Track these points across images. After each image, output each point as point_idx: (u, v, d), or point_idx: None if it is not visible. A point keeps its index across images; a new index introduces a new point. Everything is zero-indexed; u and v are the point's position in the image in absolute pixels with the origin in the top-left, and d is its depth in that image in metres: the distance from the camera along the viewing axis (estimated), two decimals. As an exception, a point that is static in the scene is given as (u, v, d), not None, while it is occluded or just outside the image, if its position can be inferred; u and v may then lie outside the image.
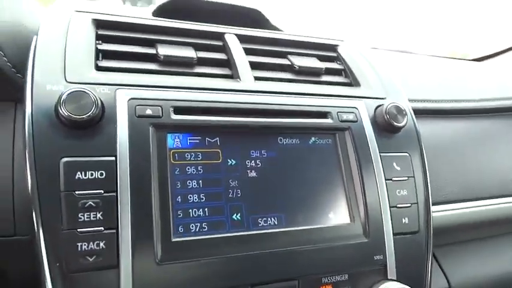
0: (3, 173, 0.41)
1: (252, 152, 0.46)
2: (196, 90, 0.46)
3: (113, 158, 0.38)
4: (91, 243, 0.36)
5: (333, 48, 0.63)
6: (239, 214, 0.43)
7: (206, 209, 0.41)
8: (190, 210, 0.41)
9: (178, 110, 0.43)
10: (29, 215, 0.37)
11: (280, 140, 0.48)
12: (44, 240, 0.35)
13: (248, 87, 0.49)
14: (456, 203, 0.64)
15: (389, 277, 0.48)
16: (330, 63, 0.60)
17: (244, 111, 0.47)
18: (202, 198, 0.42)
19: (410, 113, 0.56)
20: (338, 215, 0.48)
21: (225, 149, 0.44)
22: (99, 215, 0.36)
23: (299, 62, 0.56)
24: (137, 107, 0.41)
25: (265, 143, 0.47)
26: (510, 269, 0.72)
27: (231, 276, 0.40)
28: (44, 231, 0.35)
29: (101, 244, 0.36)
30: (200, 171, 0.42)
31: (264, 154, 0.46)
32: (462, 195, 0.65)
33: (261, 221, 0.44)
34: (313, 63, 0.58)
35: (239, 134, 0.46)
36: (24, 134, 0.37)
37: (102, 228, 0.36)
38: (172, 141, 0.42)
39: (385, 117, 0.52)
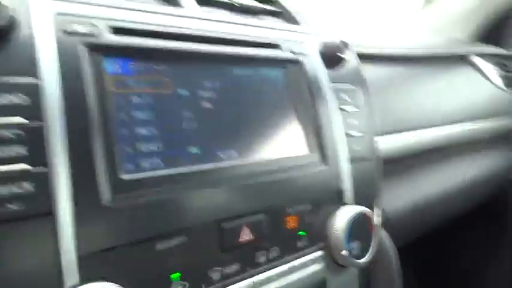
0: None
1: (205, 82, 0.36)
2: (136, 11, 0.35)
3: (35, 80, 0.26)
4: (12, 186, 0.24)
5: None
6: (197, 147, 0.34)
7: (159, 143, 0.32)
8: (141, 144, 0.31)
9: (116, 30, 0.32)
10: None
11: (233, 70, 0.39)
12: None
13: (194, 14, 0.39)
14: (397, 133, 0.63)
15: (347, 202, 0.44)
16: (267, 5, 0.53)
17: (193, 38, 0.37)
18: (154, 131, 0.32)
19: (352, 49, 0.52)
20: (296, 145, 0.41)
21: (174, 77, 0.34)
22: (22, 150, 0.24)
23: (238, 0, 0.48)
24: (64, 22, 0.29)
25: (218, 73, 0.38)
26: (440, 188, 0.75)
27: (197, 214, 0.32)
28: None
29: (27, 186, 0.24)
30: (148, 101, 0.32)
31: (217, 85, 0.37)
32: (401, 127, 0.64)
33: (221, 153, 0.35)
34: (252, 2, 0.50)
35: (189, 62, 0.36)
36: None
37: (29, 166, 0.25)
38: (111, 66, 0.31)
39: (331, 50, 0.47)
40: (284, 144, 0.40)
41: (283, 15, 0.53)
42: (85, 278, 0.26)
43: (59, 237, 0.25)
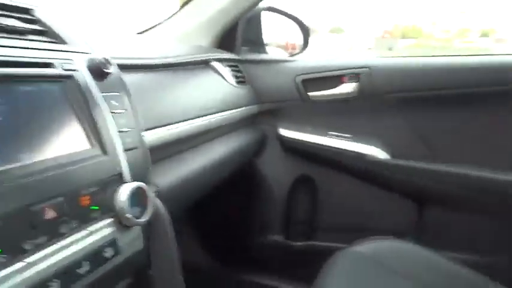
0: None
1: None
2: None
3: None
4: None
5: (28, 11, 0.65)
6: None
7: None
8: None
9: None
10: None
11: (18, 87, 0.50)
12: None
13: None
14: (162, 127, 0.83)
15: (127, 181, 0.61)
16: (31, 25, 0.62)
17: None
18: None
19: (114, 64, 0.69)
20: (81, 143, 0.56)
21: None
22: None
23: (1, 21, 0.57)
24: None
25: (5, 90, 0.48)
26: (205, 164, 1.01)
27: (9, 201, 0.43)
28: None
29: None
30: None
31: (6, 100, 0.48)
32: (163, 122, 0.85)
33: (19, 155, 0.46)
34: (15, 23, 0.59)
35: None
36: None
37: None
38: None
39: (97, 65, 0.63)
40: (71, 143, 0.54)
41: (49, 34, 0.65)
42: None
43: None
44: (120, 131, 0.62)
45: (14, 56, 0.51)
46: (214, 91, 1.17)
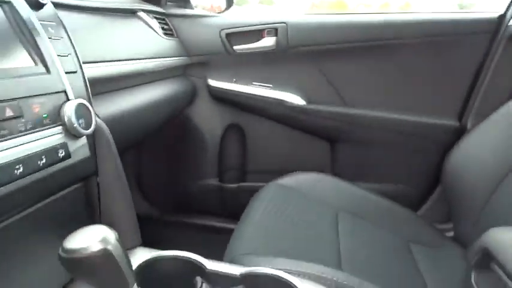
0: None
1: None
2: None
3: None
4: None
5: None
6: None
7: None
8: None
9: None
10: None
11: None
12: None
13: None
14: (95, 63, 0.91)
15: (70, 98, 0.71)
16: None
17: None
18: None
19: None
20: (26, 61, 0.64)
21: None
22: None
23: None
24: None
25: None
26: (142, 103, 1.10)
27: None
28: None
29: None
30: None
31: None
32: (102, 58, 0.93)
33: None
34: None
35: None
36: None
37: None
38: None
39: None
40: (18, 61, 0.62)
41: None
42: None
43: None
44: (59, 55, 0.70)
45: None
46: (144, 39, 1.25)
